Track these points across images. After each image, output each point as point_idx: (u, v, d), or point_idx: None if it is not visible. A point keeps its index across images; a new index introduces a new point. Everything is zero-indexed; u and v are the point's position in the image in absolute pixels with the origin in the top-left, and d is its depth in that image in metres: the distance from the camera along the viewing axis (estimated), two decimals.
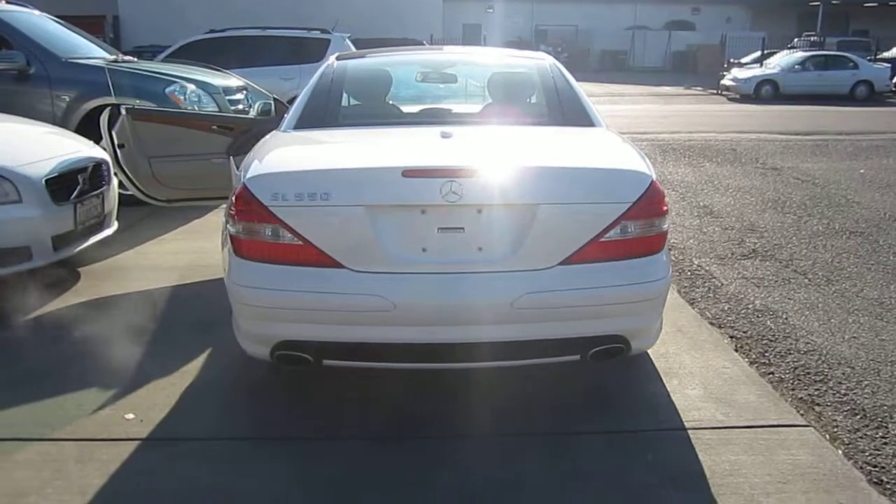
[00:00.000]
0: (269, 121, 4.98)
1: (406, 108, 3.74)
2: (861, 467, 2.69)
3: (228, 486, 2.53)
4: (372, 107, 3.64)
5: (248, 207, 2.61)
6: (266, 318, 2.65)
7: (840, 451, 2.78)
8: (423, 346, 2.62)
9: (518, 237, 2.57)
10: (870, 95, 20.70)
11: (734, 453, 2.72)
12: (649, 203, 2.64)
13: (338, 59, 3.81)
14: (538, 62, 3.81)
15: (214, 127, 4.91)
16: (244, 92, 7.57)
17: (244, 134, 4.95)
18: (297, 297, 2.58)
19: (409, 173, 2.54)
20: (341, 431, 2.87)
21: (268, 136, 3.29)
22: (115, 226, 4.99)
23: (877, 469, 2.68)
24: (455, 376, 3.19)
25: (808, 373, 3.47)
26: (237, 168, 3.09)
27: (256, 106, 5.36)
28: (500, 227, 2.58)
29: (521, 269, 2.58)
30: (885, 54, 24.96)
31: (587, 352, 2.71)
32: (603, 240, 2.61)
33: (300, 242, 2.57)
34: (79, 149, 4.72)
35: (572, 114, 3.39)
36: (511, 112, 3.48)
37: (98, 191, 4.65)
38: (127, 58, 7.58)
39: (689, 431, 2.87)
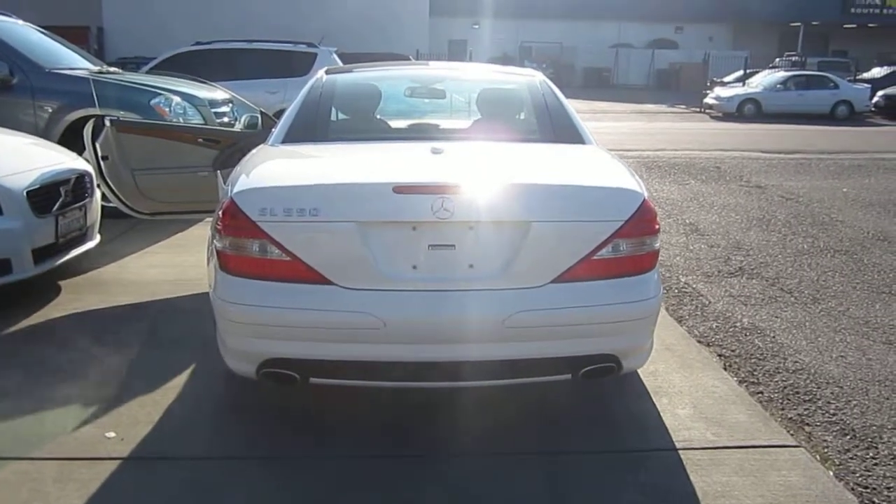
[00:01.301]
0: (255, 134, 4.94)
1: (395, 124, 3.71)
2: (853, 489, 2.68)
3: None
4: (361, 121, 3.62)
5: (236, 222, 2.56)
6: (252, 334, 2.60)
7: (831, 472, 2.77)
8: (412, 364, 2.58)
9: (510, 255, 2.55)
10: (850, 115, 20.99)
11: (725, 474, 2.69)
12: (641, 221, 2.63)
13: (327, 73, 3.78)
14: (528, 79, 3.81)
15: (200, 140, 4.86)
16: (230, 105, 7.52)
17: (230, 147, 4.90)
18: (284, 314, 2.54)
19: (400, 189, 2.51)
20: (330, 449, 2.81)
21: (255, 150, 3.25)
22: (97, 239, 4.92)
23: (868, 490, 2.67)
24: (443, 394, 3.14)
25: (797, 392, 3.46)
26: (224, 182, 3.05)
27: (243, 119, 5.31)
28: (492, 244, 2.56)
29: (512, 287, 2.56)
30: (865, 75, 25.37)
31: (578, 371, 2.68)
32: (595, 258, 2.59)
33: (288, 258, 2.53)
34: (61, 160, 4.66)
35: (562, 131, 3.38)
36: (501, 128, 3.47)
37: (80, 203, 4.58)
38: (111, 69, 7.52)
39: (680, 452, 2.84)
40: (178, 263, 5.21)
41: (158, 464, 2.71)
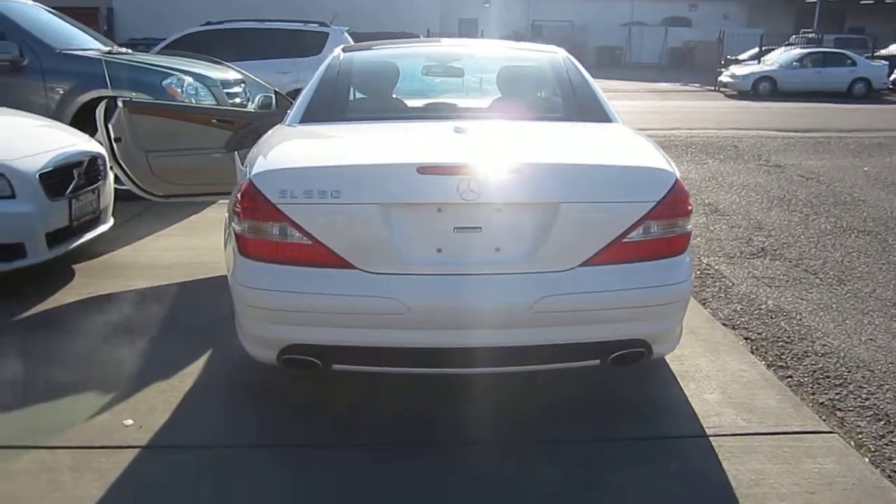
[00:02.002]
0: (270, 115, 4.86)
1: (414, 102, 3.62)
2: (889, 476, 2.60)
3: (232, 495, 2.42)
4: (380, 100, 3.52)
5: (255, 205, 2.49)
6: (273, 320, 2.53)
7: (867, 459, 2.69)
8: (437, 350, 2.51)
9: (538, 237, 2.46)
10: (867, 93, 20.66)
11: (758, 461, 2.62)
12: (674, 202, 2.54)
13: (344, 50, 3.68)
14: (550, 55, 3.70)
15: (214, 121, 4.78)
16: (242, 85, 7.42)
17: (244, 128, 4.82)
18: (306, 299, 2.47)
19: (424, 170, 2.43)
20: (350, 436, 2.76)
21: (272, 131, 3.17)
22: (110, 222, 4.86)
23: None
24: (468, 380, 3.07)
25: (828, 376, 3.37)
26: (242, 163, 2.97)
27: (257, 99, 5.24)
28: (520, 226, 2.47)
29: (540, 271, 2.47)
30: (883, 52, 24.93)
31: (608, 356, 2.61)
32: (625, 240, 2.50)
33: (309, 242, 2.46)
34: (74, 142, 4.59)
35: (588, 109, 3.28)
36: (524, 106, 3.37)
37: (94, 186, 4.52)
38: (122, 49, 7.43)
39: (711, 438, 2.77)
40: (193, 246, 5.15)
41: (177, 452, 2.66)
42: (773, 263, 5.10)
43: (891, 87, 21.39)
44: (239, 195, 2.56)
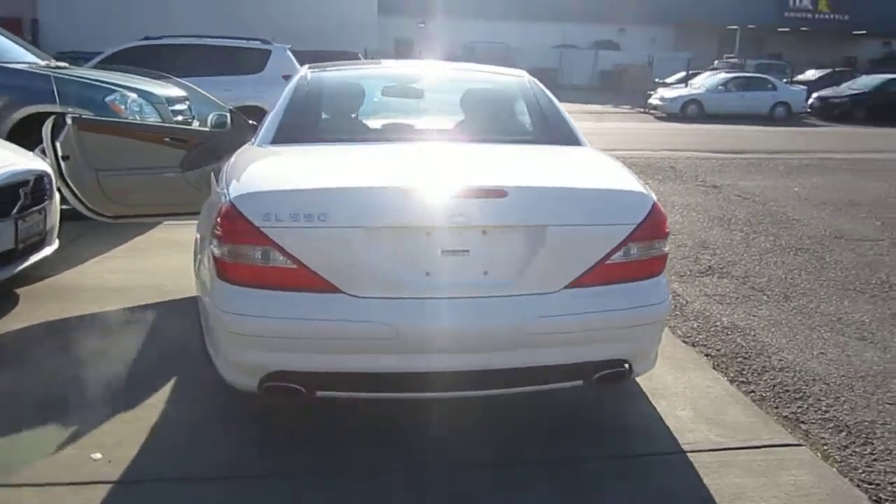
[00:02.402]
0: (225, 134, 4.76)
1: (385, 125, 3.60)
2: (858, 485, 2.70)
3: None
4: (350, 122, 3.50)
5: (236, 228, 2.43)
6: (255, 347, 2.46)
7: (835, 469, 2.79)
8: (426, 375, 2.49)
9: (525, 260, 2.48)
10: (787, 116, 21.71)
11: (736, 476, 2.69)
12: (653, 224, 2.60)
13: (311, 70, 3.64)
14: (517, 79, 3.75)
15: (167, 139, 4.66)
16: (186, 102, 7.26)
17: (199, 147, 4.72)
18: (290, 325, 2.41)
19: (411, 193, 2.42)
20: (328, 464, 2.69)
21: (243, 151, 3.10)
22: (56, 244, 4.64)
23: (873, 486, 2.70)
24: (442, 404, 3.05)
25: (787, 390, 3.50)
26: (217, 184, 2.88)
27: (210, 118, 5.10)
28: (507, 249, 2.48)
29: (527, 293, 2.49)
30: (800, 77, 26.30)
31: (591, 377, 2.64)
32: (609, 262, 2.55)
33: (294, 266, 2.41)
34: (18, 160, 4.38)
35: (558, 132, 3.34)
36: (496, 129, 3.40)
37: (40, 206, 4.32)
38: (60, 64, 7.15)
39: (688, 455, 2.83)
40: (141, 269, 4.98)
41: (150, 486, 2.55)
42: (721, 281, 5.28)
43: (808, 110, 22.53)
44: (218, 218, 2.49)
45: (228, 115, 4.95)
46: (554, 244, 2.48)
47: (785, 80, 24.29)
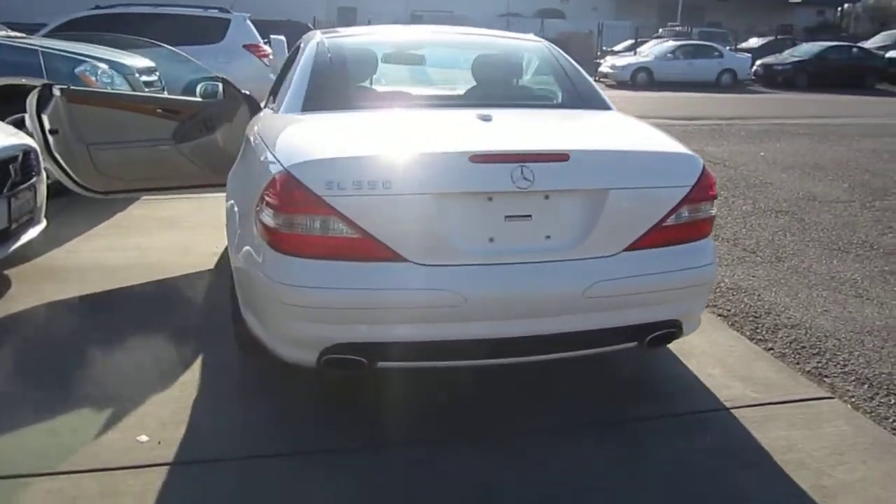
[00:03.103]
0: (218, 104, 4.60)
1: (418, 91, 3.53)
2: (894, 433, 2.82)
3: None
4: (382, 88, 3.41)
5: (296, 197, 2.34)
6: (316, 319, 2.40)
7: (870, 420, 2.90)
8: (491, 341, 2.47)
9: (587, 224, 2.48)
10: (734, 83, 22.22)
11: (782, 429, 2.77)
12: (704, 186, 2.63)
13: (326, 36, 3.52)
14: (537, 44, 3.71)
15: (159, 110, 4.48)
16: (155, 73, 6.98)
17: (192, 118, 4.55)
18: (354, 295, 2.36)
19: (477, 158, 2.38)
20: (378, 436, 2.66)
21: (274, 119, 2.99)
22: (44, 222, 4.43)
23: None
24: (485, 372, 3.04)
25: (804, 346, 3.61)
26: (252, 152, 2.75)
27: (199, 88, 4.91)
28: (569, 213, 2.48)
29: (588, 257, 2.49)
30: (743, 45, 26.88)
31: (646, 338, 2.67)
32: (665, 225, 2.56)
33: (358, 235, 2.34)
34: (2, 135, 4.13)
35: (588, 96, 3.34)
36: (529, 95, 3.37)
37: (29, 183, 4.10)
38: (16, 34, 6.75)
39: (731, 411, 2.90)
40: (130, 246, 4.80)
41: (206, 467, 2.47)
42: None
43: (753, 77, 23.09)
44: (271, 187, 2.40)
45: (220, 84, 4.77)
46: (614, 207, 2.48)
47: (729, 47, 24.80)
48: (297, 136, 2.68)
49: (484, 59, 3.73)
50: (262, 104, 4.94)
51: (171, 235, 5.07)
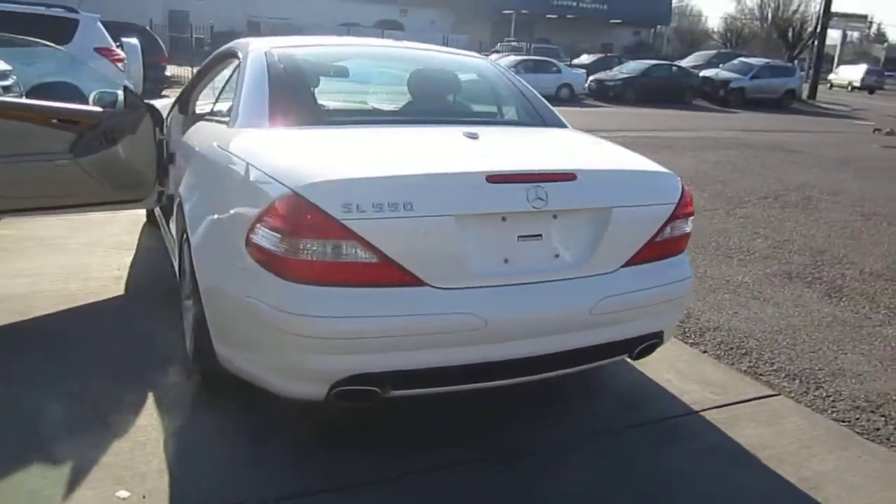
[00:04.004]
0: (119, 114, 4.20)
1: (384, 106, 3.40)
2: (839, 422, 3.12)
3: None
4: (350, 104, 3.25)
5: (308, 222, 2.19)
6: (330, 351, 2.25)
7: (816, 413, 3.19)
8: (505, 362, 2.44)
9: (592, 242, 2.52)
10: (571, 97, 23.56)
11: (751, 427, 2.98)
12: (685, 203, 2.77)
13: (272, 48, 3.29)
14: (484, 62, 3.73)
15: (55, 120, 4.00)
16: (12, 77, 6.25)
17: (93, 129, 4.12)
18: (374, 324, 2.24)
19: (493, 178, 2.35)
20: (385, 468, 2.54)
21: (244, 134, 2.77)
22: None
23: (847, 424, 3.13)
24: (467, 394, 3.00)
25: (731, 348, 3.90)
26: (236, 173, 2.51)
27: (93, 96, 4.43)
28: (576, 232, 2.51)
29: (592, 274, 2.54)
30: (576, 61, 28.63)
31: (635, 350, 2.76)
32: (656, 240, 2.67)
33: (377, 260, 2.23)
34: None
35: (547, 115, 3.40)
36: (495, 113, 3.37)
37: None
38: None
39: (701, 414, 3.07)
40: (17, 272, 4.27)
41: None
42: None
43: (587, 92, 24.63)
44: (282, 210, 2.22)
45: (120, 93, 4.35)
46: (616, 225, 2.55)
47: (565, 62, 26.30)
48: (291, 155, 2.50)
49: (442, 76, 3.67)
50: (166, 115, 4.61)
51: (58, 259, 4.54)
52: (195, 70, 5.40)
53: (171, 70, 18.74)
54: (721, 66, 26.65)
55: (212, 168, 2.78)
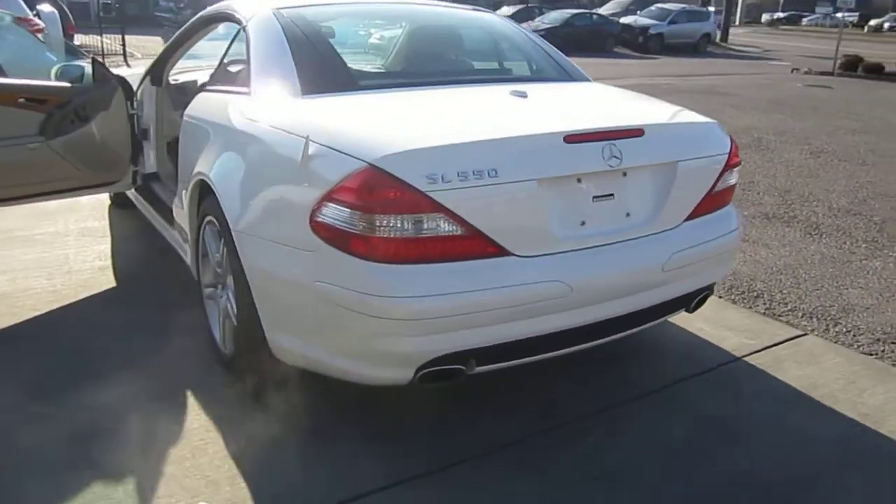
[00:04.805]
0: (89, 89, 3.86)
1: (411, 67, 3.20)
2: (867, 354, 3.22)
3: None
4: (376, 67, 3.04)
5: (391, 196, 2.04)
6: (419, 332, 2.12)
7: (846, 349, 3.28)
8: (585, 327, 2.38)
9: (660, 198, 2.47)
10: None
11: (796, 368, 3.04)
12: (734, 152, 2.75)
13: (280, 9, 3.04)
14: (494, 16, 3.58)
15: (21, 99, 3.64)
16: None
17: (63, 108, 3.77)
18: (464, 300, 2.12)
19: (571, 138, 2.25)
20: (477, 445, 2.46)
21: (282, 105, 2.56)
22: None
23: (878, 356, 3.24)
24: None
25: (743, 292, 3.97)
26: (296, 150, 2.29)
27: (54, 70, 4.03)
28: (645, 189, 2.45)
29: (661, 231, 2.50)
30: (498, 13, 28.34)
31: (692, 303, 2.76)
32: (712, 193, 2.65)
33: (463, 232, 2.11)
34: None
35: (570, 69, 3.31)
36: (527, 68, 3.24)
37: None
38: None
39: (744, 360, 3.11)
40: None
41: None
42: None
43: None
44: (353, 186, 2.06)
45: (87, 65, 3.99)
46: (681, 179, 2.50)
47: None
48: (351, 124, 2.32)
49: (463, 33, 3.51)
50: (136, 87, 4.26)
51: (30, 252, 4.19)
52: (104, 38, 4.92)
53: (79, 39, 17.51)
54: (639, 12, 26.99)
55: (247, 144, 2.56)
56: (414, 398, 2.67)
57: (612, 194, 2.37)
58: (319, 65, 2.75)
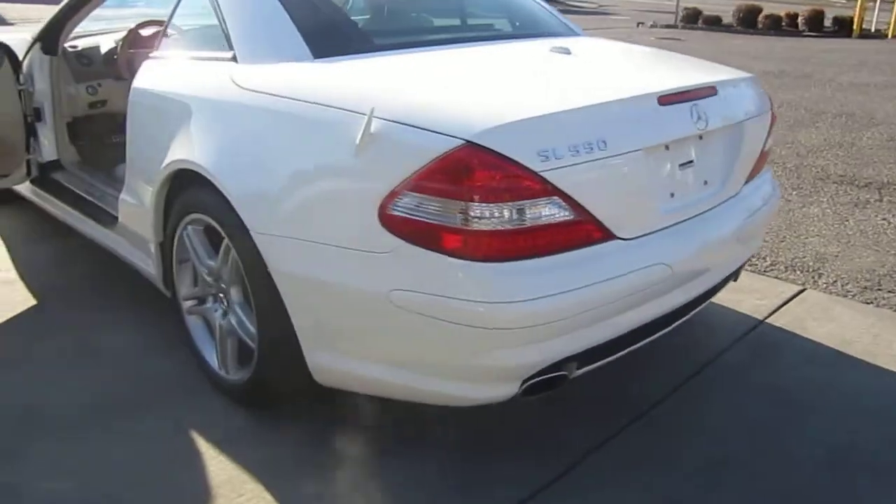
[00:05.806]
0: None
1: (422, 23, 2.73)
2: (866, 302, 3.27)
3: None
4: (389, 22, 2.57)
5: (497, 178, 1.68)
6: (531, 339, 1.79)
7: (850, 300, 3.30)
8: (676, 310, 2.16)
9: (728, 161, 2.29)
10: None
11: (819, 325, 3.01)
12: (774, 112, 2.61)
13: None
14: None
15: None
16: None
17: None
18: (575, 298, 1.79)
19: (664, 99, 1.98)
20: (578, 447, 2.19)
21: (305, 71, 2.09)
22: None
23: (875, 304, 3.29)
24: None
25: None
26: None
27: None
28: (717, 152, 2.25)
29: (729, 197, 2.31)
30: None
31: (738, 273, 2.61)
32: (763, 152, 2.50)
33: (572, 217, 1.79)
34: None
35: (570, 24, 3.03)
36: (535, 23, 2.90)
37: None
38: None
39: (767, 322, 3.04)
40: None
41: None
42: None
43: None
44: (447, 169, 1.68)
45: None
46: (745, 140, 2.33)
47: None
48: (422, 93, 1.90)
49: None
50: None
51: None
52: None
53: None
54: None
55: (257, 122, 2.05)
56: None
57: (692, 161, 2.14)
58: (324, 19, 2.28)
